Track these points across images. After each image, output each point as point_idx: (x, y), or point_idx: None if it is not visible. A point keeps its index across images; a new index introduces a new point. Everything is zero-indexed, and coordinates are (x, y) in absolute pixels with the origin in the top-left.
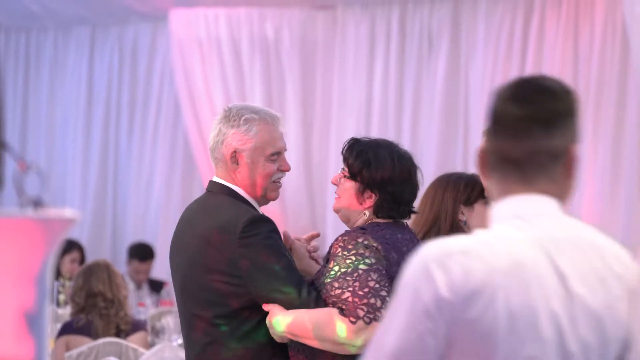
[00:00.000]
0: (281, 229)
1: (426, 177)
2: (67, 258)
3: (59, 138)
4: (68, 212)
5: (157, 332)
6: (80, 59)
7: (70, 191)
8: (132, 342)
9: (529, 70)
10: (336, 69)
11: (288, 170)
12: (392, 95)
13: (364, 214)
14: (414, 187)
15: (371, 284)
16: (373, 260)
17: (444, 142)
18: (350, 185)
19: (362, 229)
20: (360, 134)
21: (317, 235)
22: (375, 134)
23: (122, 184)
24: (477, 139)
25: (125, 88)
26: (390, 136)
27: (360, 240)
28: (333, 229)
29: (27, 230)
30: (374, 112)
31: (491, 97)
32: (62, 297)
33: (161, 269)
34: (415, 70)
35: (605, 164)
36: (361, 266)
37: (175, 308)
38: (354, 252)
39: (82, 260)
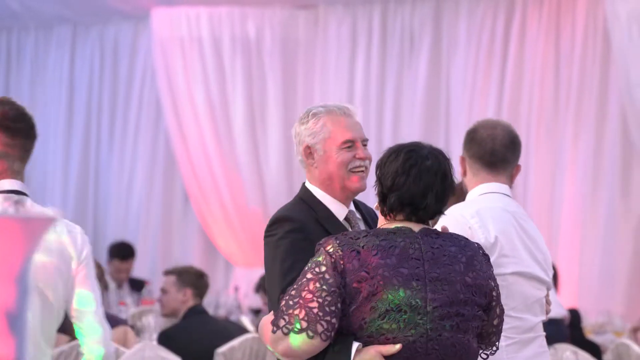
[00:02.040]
0: (262, 230)
1: None
2: None
3: (40, 137)
4: (49, 211)
5: (138, 331)
6: (61, 58)
7: (51, 190)
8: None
9: (511, 69)
10: (318, 68)
11: (364, 158)
12: (373, 94)
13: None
14: (416, 185)
15: (304, 293)
16: (323, 269)
17: (425, 140)
18: None
19: (344, 234)
20: None
21: None
22: None
23: (103, 183)
24: (458, 137)
25: (107, 87)
26: (371, 135)
27: (328, 247)
28: None
29: (8, 230)
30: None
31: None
32: None
33: (142, 268)
34: (396, 69)
35: (586, 163)
36: (308, 275)
37: (155, 307)
38: (314, 258)
39: None
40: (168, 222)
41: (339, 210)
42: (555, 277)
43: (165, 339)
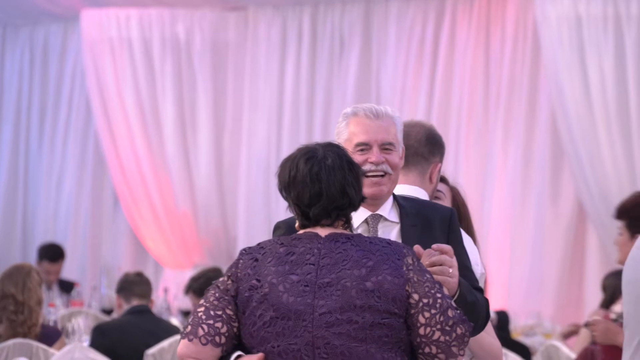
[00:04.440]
0: (191, 232)
1: None
2: None
3: None
4: None
5: (67, 333)
6: None
7: None
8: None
9: (441, 72)
10: (248, 70)
11: (377, 162)
12: (303, 96)
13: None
14: (334, 187)
15: (201, 300)
16: (223, 278)
17: None
18: None
19: (259, 243)
20: (271, 135)
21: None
22: (286, 135)
23: (33, 184)
24: None
25: (36, 88)
26: (301, 137)
27: (238, 257)
28: (244, 230)
29: None
30: (286, 113)
31: None
32: None
33: (71, 269)
34: (326, 71)
35: (516, 166)
36: (213, 282)
37: (85, 308)
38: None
39: None
40: (98, 224)
41: (357, 214)
42: (483, 279)
43: (98, 333)
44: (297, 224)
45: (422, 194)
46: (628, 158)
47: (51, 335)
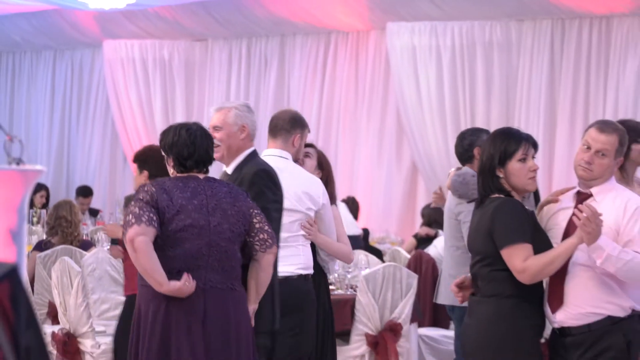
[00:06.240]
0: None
1: None
2: (38, 195)
3: (33, 122)
4: (38, 167)
5: (95, 241)
6: (46, 73)
7: (40, 154)
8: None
9: (328, 82)
10: (207, 81)
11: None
12: (241, 98)
13: (170, 171)
14: (203, 149)
15: (134, 209)
16: (140, 197)
17: None
18: None
19: (156, 180)
20: None
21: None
22: None
23: (73, 149)
24: None
25: (75, 91)
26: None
27: (146, 186)
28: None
29: (12, 178)
30: None
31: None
32: (34, 219)
33: (97, 201)
34: (256, 82)
35: (374, 140)
36: (133, 204)
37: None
38: (139, 191)
39: (47, 196)
40: (113, 174)
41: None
42: (356, 209)
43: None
44: (172, 172)
45: (285, 155)
46: (443, 136)
47: (87, 245)
